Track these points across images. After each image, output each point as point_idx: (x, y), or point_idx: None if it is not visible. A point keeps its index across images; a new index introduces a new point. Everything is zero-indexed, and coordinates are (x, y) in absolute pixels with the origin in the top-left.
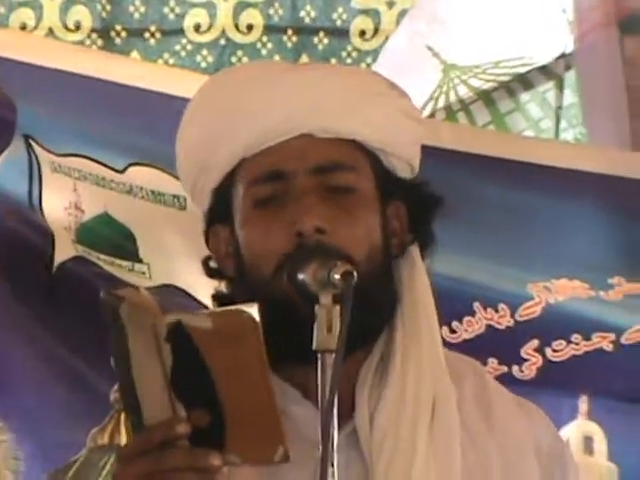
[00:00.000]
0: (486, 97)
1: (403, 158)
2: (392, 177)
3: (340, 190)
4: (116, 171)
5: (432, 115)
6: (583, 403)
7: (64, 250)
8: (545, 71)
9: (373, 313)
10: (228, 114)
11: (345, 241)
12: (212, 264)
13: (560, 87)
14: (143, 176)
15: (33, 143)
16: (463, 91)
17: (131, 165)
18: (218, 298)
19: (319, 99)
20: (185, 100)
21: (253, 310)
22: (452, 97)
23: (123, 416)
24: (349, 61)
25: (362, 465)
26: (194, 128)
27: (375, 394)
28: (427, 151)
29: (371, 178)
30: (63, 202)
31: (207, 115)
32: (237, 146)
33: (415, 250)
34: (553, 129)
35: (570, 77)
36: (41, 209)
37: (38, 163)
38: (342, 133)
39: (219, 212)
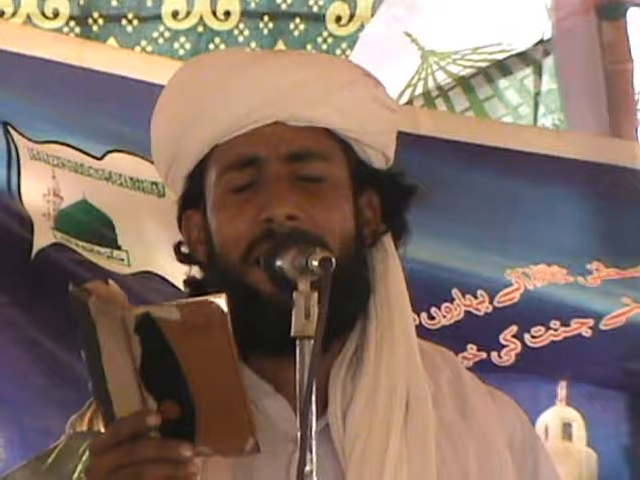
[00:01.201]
0: (465, 83)
1: (376, 147)
2: (365, 167)
3: (312, 179)
4: (95, 158)
5: (410, 102)
6: (562, 389)
7: (43, 237)
8: (523, 57)
9: (346, 302)
10: (200, 101)
11: (319, 226)
12: (184, 249)
13: (538, 73)
14: (122, 163)
15: (11, 130)
16: (441, 77)
17: (110, 152)
18: (190, 284)
19: (289, 87)
20: (163, 87)
21: (221, 301)
22: (430, 83)
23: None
24: (324, 47)
25: (334, 460)
26: (167, 115)
27: (349, 388)
28: (406, 138)
29: (344, 167)
30: (42, 189)
31: (179, 102)
32: (208, 133)
33: (388, 240)
34: (532, 115)
35: (548, 63)
36: (20, 196)
37: (16, 150)
38: (313, 121)
39: (192, 198)
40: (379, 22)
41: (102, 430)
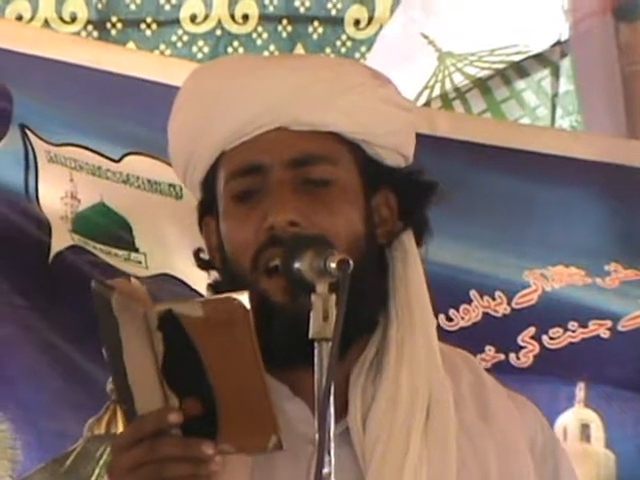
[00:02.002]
0: (482, 85)
1: (389, 147)
2: (378, 166)
3: (317, 183)
4: (112, 160)
5: (428, 103)
6: (580, 391)
7: (61, 239)
8: (541, 59)
9: (360, 304)
10: (207, 108)
11: (323, 231)
12: (203, 255)
13: (556, 75)
14: (139, 165)
15: (29, 133)
16: (459, 79)
17: (127, 154)
18: (214, 287)
19: (292, 91)
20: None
21: (244, 298)
22: (448, 85)
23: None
24: (343, 50)
25: (354, 464)
26: (179, 121)
27: (369, 391)
28: (423, 140)
29: (352, 168)
30: (59, 192)
31: (189, 109)
32: (216, 139)
33: (408, 239)
34: (549, 117)
35: (566, 64)
36: (37, 199)
37: (34, 153)
38: (317, 125)
39: (208, 204)
40: (396, 24)
41: (121, 430)
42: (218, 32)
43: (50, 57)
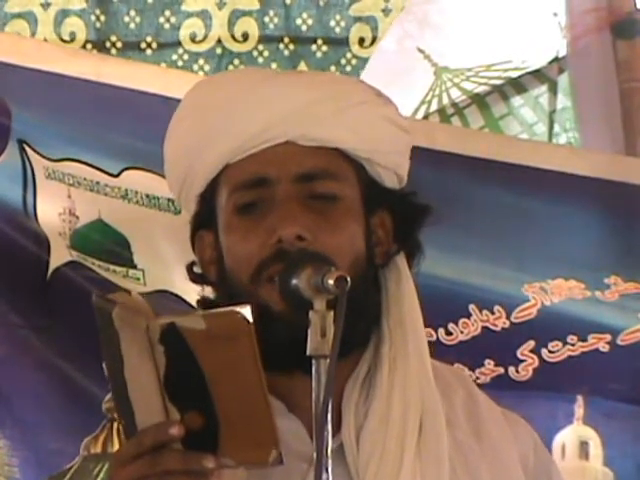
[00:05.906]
0: (480, 101)
1: (389, 167)
2: (377, 187)
3: (323, 198)
4: (111, 175)
5: (426, 118)
6: (579, 408)
7: (59, 255)
8: (538, 75)
9: (356, 321)
10: (212, 120)
11: (327, 248)
12: (196, 269)
13: (553, 91)
14: (138, 180)
15: (27, 148)
16: (456, 94)
17: (126, 169)
18: (203, 303)
19: (300, 107)
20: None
21: (246, 311)
22: (445, 100)
23: (116, 424)
24: (349, 69)
25: None
26: (180, 134)
27: (362, 408)
28: (422, 153)
29: (356, 187)
30: (57, 208)
31: (191, 121)
32: (221, 152)
33: (401, 260)
34: (546, 133)
35: (563, 81)
36: (35, 215)
37: (32, 169)
38: (324, 141)
39: (204, 217)
40: (391, 38)
41: (117, 448)
42: (219, 50)
43: (49, 70)
